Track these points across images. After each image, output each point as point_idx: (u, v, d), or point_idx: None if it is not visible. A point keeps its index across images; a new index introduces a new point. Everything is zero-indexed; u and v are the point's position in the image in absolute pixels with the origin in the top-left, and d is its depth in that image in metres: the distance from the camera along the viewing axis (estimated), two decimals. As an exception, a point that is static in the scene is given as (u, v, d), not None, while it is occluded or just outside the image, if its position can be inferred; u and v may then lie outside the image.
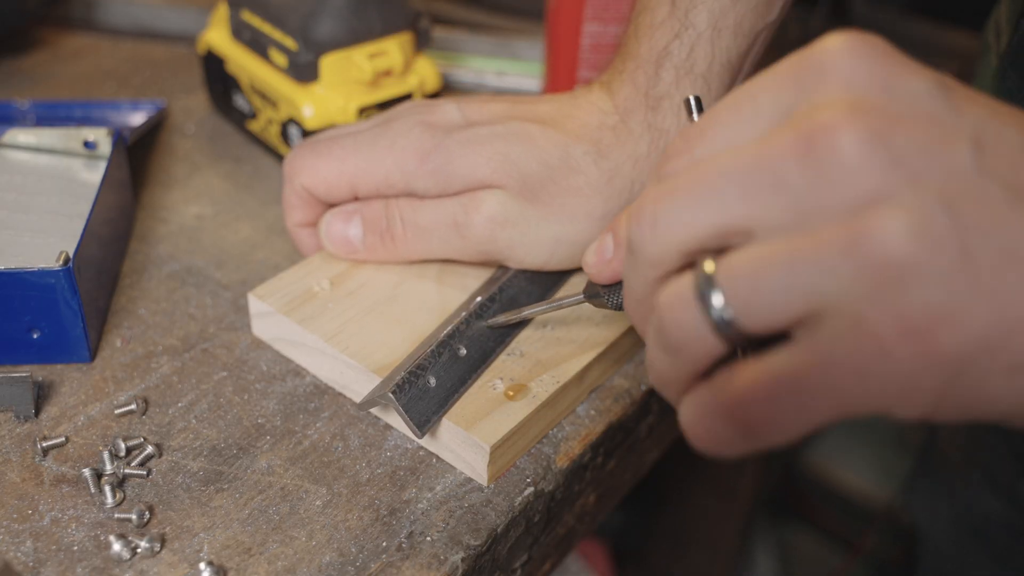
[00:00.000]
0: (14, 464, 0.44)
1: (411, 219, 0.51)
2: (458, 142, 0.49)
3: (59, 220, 0.53)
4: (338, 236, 0.52)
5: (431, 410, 0.45)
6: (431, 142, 0.50)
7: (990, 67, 0.59)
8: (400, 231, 0.51)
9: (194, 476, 0.45)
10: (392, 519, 0.43)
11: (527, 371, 0.48)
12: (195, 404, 0.48)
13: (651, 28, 0.50)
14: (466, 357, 0.47)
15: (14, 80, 0.75)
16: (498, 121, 0.51)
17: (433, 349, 0.46)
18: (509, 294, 0.51)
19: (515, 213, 0.49)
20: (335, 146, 0.52)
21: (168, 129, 0.71)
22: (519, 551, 0.47)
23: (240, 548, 0.41)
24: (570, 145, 0.50)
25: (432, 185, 0.50)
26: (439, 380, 0.45)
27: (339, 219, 0.52)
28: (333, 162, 0.51)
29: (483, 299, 0.50)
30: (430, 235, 0.50)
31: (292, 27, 0.62)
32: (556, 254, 0.50)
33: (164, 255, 0.58)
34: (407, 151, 0.50)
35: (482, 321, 0.49)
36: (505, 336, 0.49)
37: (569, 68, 0.71)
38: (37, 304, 0.47)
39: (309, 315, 0.50)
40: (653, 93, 0.50)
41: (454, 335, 0.47)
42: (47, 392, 0.48)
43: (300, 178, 0.52)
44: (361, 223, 0.52)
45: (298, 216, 0.54)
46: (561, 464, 0.47)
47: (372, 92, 0.63)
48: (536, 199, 0.49)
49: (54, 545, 0.41)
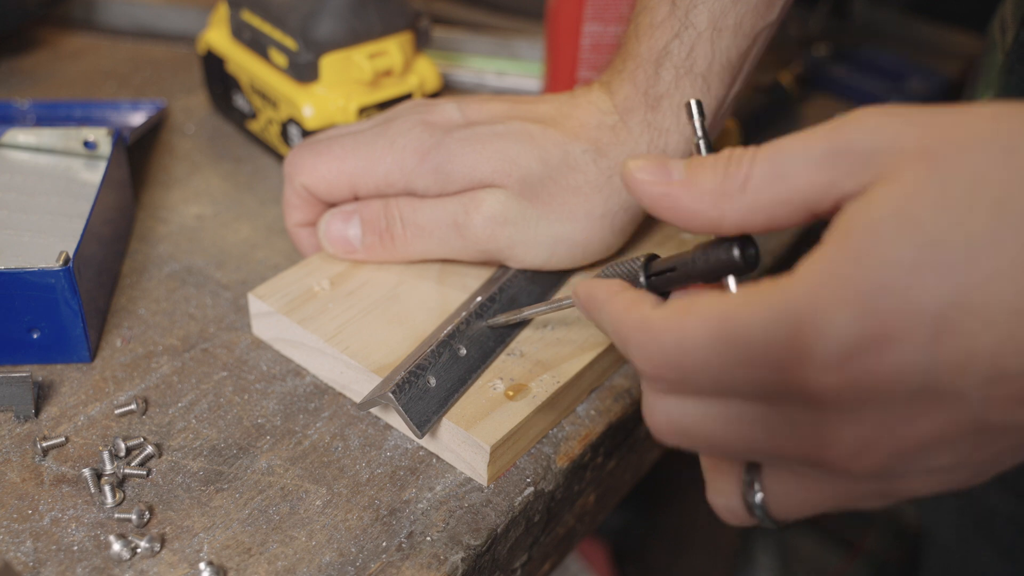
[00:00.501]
0: (14, 464, 0.44)
1: (410, 219, 0.51)
2: (458, 141, 0.49)
3: (59, 220, 0.53)
4: (337, 236, 0.52)
5: (431, 410, 0.45)
6: (431, 141, 0.50)
7: (996, 63, 0.59)
8: (400, 231, 0.51)
9: (194, 476, 0.45)
10: (392, 519, 0.43)
11: (527, 371, 0.48)
12: (195, 404, 0.48)
13: (651, 27, 0.50)
14: (466, 357, 0.47)
15: (14, 80, 0.75)
16: (498, 120, 0.51)
17: (433, 349, 0.46)
18: (509, 294, 0.51)
19: (515, 212, 0.49)
20: (335, 145, 0.51)
21: (168, 129, 0.71)
22: (519, 551, 0.47)
23: (240, 548, 0.41)
24: (569, 144, 0.50)
25: (432, 183, 0.50)
26: (439, 380, 0.45)
27: (338, 219, 0.52)
28: (333, 161, 0.51)
29: (483, 299, 0.50)
30: (430, 235, 0.50)
31: (292, 27, 0.62)
32: (556, 253, 0.51)
33: (164, 255, 0.58)
34: (407, 150, 0.50)
35: (482, 321, 0.49)
36: (505, 336, 0.49)
37: (569, 68, 0.71)
38: (37, 304, 0.47)
39: (309, 315, 0.50)
40: (652, 92, 0.50)
41: (454, 335, 0.47)
42: (47, 392, 0.48)
43: (300, 177, 0.52)
44: (360, 223, 0.52)
45: (298, 216, 0.54)
46: (561, 464, 0.47)
47: (372, 92, 0.63)
48: (536, 198, 0.49)
49: (54, 545, 0.41)
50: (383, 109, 0.64)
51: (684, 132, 0.50)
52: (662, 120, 0.50)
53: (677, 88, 0.49)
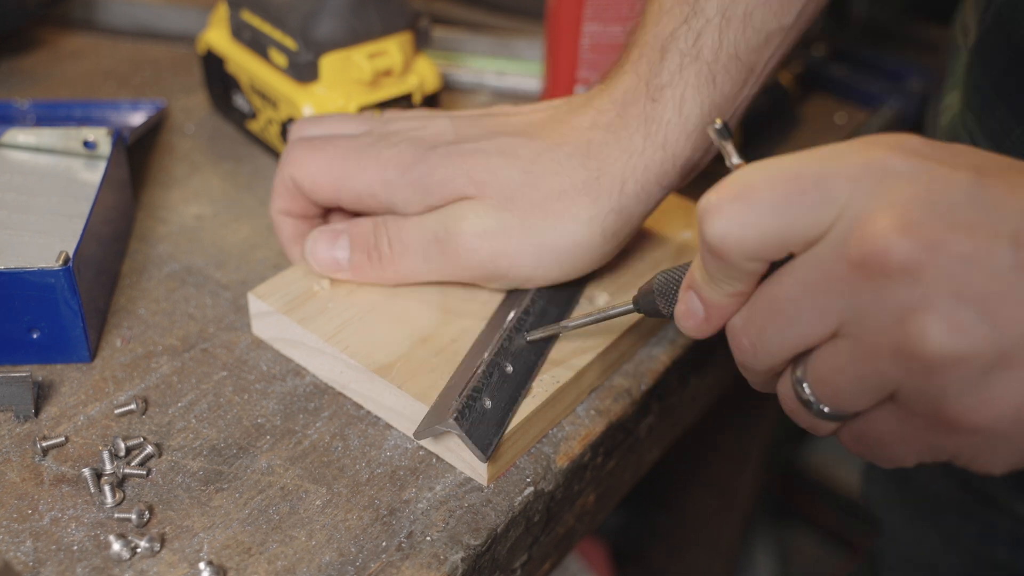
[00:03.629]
0: (14, 464, 0.44)
1: (396, 236, 0.50)
2: (439, 155, 0.49)
3: (59, 220, 0.53)
4: (324, 255, 0.52)
5: (491, 432, 0.44)
6: (414, 156, 0.50)
7: (961, 63, 0.60)
8: (386, 249, 0.50)
9: (194, 476, 0.45)
10: (392, 519, 0.43)
11: (527, 371, 0.48)
12: (195, 404, 0.48)
13: (659, 14, 0.49)
14: (513, 374, 0.47)
15: (14, 80, 0.75)
16: (485, 137, 0.50)
17: (484, 370, 0.45)
18: (540, 305, 0.50)
19: (495, 223, 0.48)
20: (329, 146, 0.51)
21: (168, 129, 0.71)
22: (519, 551, 0.47)
23: (240, 548, 0.41)
24: (554, 150, 0.49)
25: (411, 196, 0.50)
26: (494, 401, 0.45)
27: (326, 236, 0.52)
28: (323, 162, 0.51)
29: (519, 312, 0.49)
30: (414, 253, 0.50)
31: (292, 27, 0.62)
32: (543, 262, 0.49)
33: (164, 255, 0.58)
34: (391, 163, 0.50)
35: (521, 336, 0.48)
36: (543, 348, 0.49)
37: (569, 68, 0.71)
38: (37, 304, 0.47)
39: (309, 315, 0.50)
40: (655, 83, 0.49)
41: (500, 352, 0.47)
42: (47, 392, 0.48)
43: (290, 168, 0.52)
44: (348, 242, 0.51)
45: (281, 203, 0.54)
46: (561, 464, 0.47)
47: (372, 92, 0.63)
48: (516, 206, 0.48)
49: (54, 545, 0.41)
50: (383, 109, 0.64)
51: (686, 126, 0.48)
52: (662, 112, 0.48)
53: (681, 77, 0.48)
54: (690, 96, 0.48)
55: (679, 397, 0.58)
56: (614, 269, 0.54)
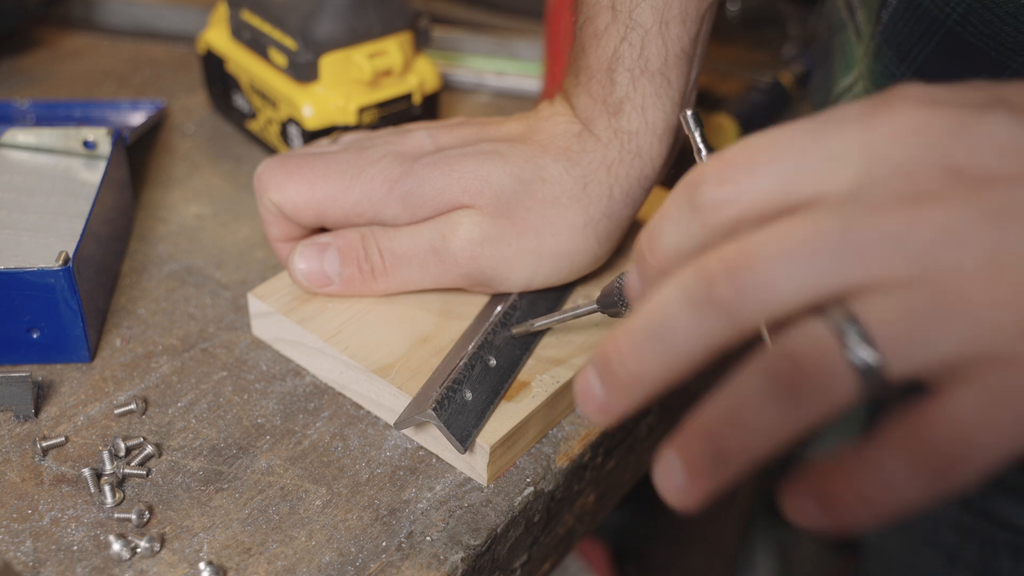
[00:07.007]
0: (14, 464, 0.44)
1: (388, 247, 0.49)
2: (426, 165, 0.49)
3: (59, 220, 0.53)
4: (311, 270, 0.50)
5: (471, 424, 0.44)
6: (399, 169, 0.49)
7: (850, 42, 0.58)
8: (378, 261, 0.49)
9: (194, 476, 0.45)
10: (392, 519, 0.43)
11: (527, 371, 0.48)
12: (195, 404, 0.48)
13: (595, 38, 0.49)
14: (496, 367, 0.47)
15: (14, 80, 0.75)
16: (467, 143, 0.50)
17: (466, 362, 0.46)
18: (528, 299, 0.50)
19: (492, 231, 0.48)
20: (305, 166, 0.50)
21: (168, 129, 0.71)
22: (519, 551, 0.47)
23: (240, 548, 0.41)
24: (540, 157, 0.49)
25: (401, 211, 0.49)
26: (475, 393, 0.45)
27: (312, 251, 0.50)
28: (303, 184, 0.49)
29: (505, 308, 0.49)
30: (409, 263, 0.49)
31: (292, 27, 0.62)
32: (541, 269, 0.49)
33: (164, 255, 0.58)
34: (376, 180, 0.49)
35: (507, 330, 0.48)
36: (529, 343, 0.49)
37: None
38: (37, 304, 0.47)
39: (309, 315, 0.50)
40: (612, 100, 0.49)
41: (483, 346, 0.47)
42: (47, 392, 0.48)
43: (269, 193, 0.50)
44: (337, 255, 0.50)
45: (274, 231, 0.52)
46: (561, 464, 0.47)
47: (372, 92, 0.63)
48: (512, 214, 0.48)
49: (54, 545, 0.41)
50: (383, 109, 0.64)
51: (655, 131, 0.49)
52: (628, 124, 0.49)
53: (636, 90, 0.48)
54: (650, 104, 0.48)
55: (679, 397, 0.58)
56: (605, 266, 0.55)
